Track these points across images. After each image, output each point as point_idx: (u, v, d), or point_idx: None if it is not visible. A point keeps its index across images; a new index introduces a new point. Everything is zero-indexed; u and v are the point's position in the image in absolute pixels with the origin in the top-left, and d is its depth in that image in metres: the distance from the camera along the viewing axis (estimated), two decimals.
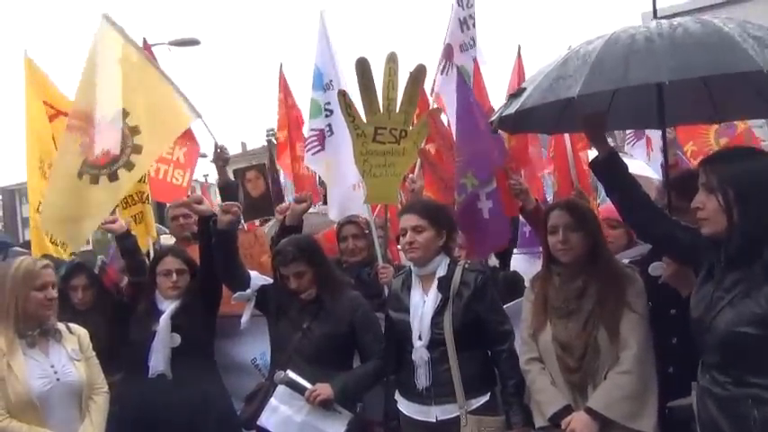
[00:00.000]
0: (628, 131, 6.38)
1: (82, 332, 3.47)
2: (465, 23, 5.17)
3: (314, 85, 5.22)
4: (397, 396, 3.37)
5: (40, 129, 5.07)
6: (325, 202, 6.34)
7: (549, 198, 5.25)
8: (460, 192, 4.10)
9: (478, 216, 4.03)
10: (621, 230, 3.68)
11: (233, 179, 5.03)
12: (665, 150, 3.83)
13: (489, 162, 4.01)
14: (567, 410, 2.92)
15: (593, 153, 4.72)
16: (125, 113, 4.53)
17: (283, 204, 4.62)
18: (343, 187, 4.78)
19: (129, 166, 4.48)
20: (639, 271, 3.14)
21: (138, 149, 4.52)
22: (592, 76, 2.72)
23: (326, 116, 4.90)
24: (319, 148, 5.11)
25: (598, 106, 3.29)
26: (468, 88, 4.26)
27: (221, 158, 5.10)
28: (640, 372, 2.86)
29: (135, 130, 4.54)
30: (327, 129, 4.87)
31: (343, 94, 4.17)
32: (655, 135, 6.27)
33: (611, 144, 3.21)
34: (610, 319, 2.91)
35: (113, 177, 4.47)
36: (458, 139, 4.08)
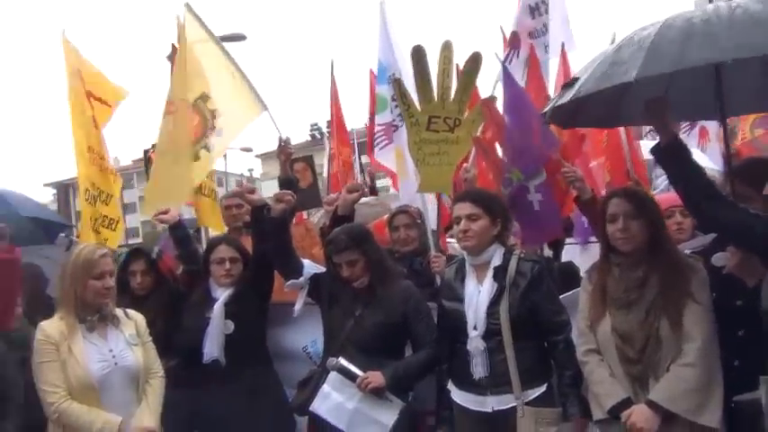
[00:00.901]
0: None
1: (139, 318, 3.54)
2: (537, 9, 5.12)
3: (378, 80, 5.25)
4: (451, 386, 3.35)
5: (83, 115, 5.16)
6: (372, 194, 6.38)
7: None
8: (506, 185, 4.05)
9: (529, 208, 3.97)
10: (691, 219, 3.58)
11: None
12: (725, 138, 3.73)
13: (537, 155, 3.95)
14: (626, 403, 2.85)
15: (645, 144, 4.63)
16: (205, 97, 4.74)
17: (331, 196, 4.63)
18: (409, 176, 4.77)
19: (209, 147, 4.71)
20: (702, 262, 3.04)
21: (219, 132, 4.75)
22: (648, 60, 2.69)
23: (396, 106, 4.90)
24: (387, 142, 5.11)
25: (653, 95, 3.21)
26: (514, 81, 4.19)
27: (284, 153, 5.10)
28: (705, 364, 2.78)
29: (215, 114, 4.76)
30: (399, 118, 4.87)
31: (398, 82, 4.16)
32: (711, 125, 6.10)
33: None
34: (672, 310, 2.83)
35: (195, 158, 4.69)
36: (505, 133, 4.03)
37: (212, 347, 3.80)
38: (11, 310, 3.35)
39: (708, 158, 5.83)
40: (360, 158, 8.55)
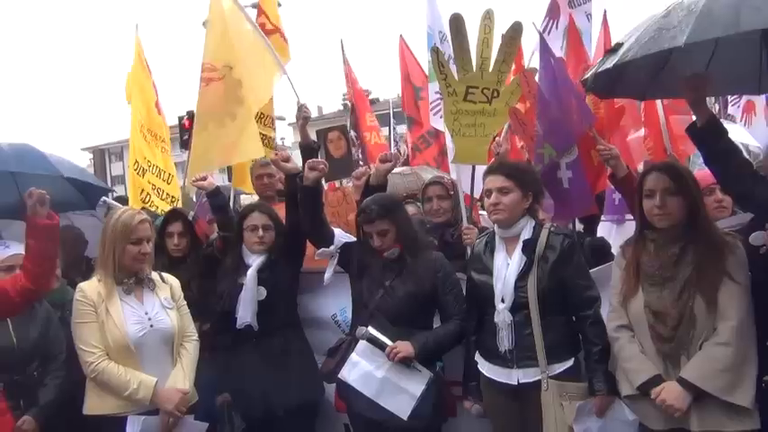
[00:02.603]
0: None
1: (174, 282, 3.62)
2: None
3: (428, 49, 5.20)
4: (478, 358, 3.36)
5: (143, 97, 5.66)
6: (405, 164, 6.36)
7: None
8: (537, 161, 4.00)
9: (558, 185, 3.93)
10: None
11: (314, 139, 5.11)
12: None
13: (571, 131, 3.89)
14: (657, 380, 2.83)
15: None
16: (229, 68, 4.87)
17: (360, 169, 4.62)
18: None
19: (232, 116, 4.88)
20: (740, 240, 2.98)
21: (240, 101, 4.89)
22: (699, 25, 2.60)
23: None
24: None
25: (695, 69, 3.12)
26: (552, 53, 4.09)
27: (302, 117, 5.13)
28: (739, 344, 2.73)
29: (239, 84, 4.91)
30: None
31: (435, 51, 4.10)
32: (757, 99, 5.92)
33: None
34: (708, 288, 2.79)
35: (221, 125, 4.94)
36: (539, 106, 3.97)
37: (245, 313, 3.86)
38: (51, 273, 3.45)
39: (750, 134, 5.68)
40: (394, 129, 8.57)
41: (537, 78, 3.97)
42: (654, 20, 2.88)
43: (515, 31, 3.93)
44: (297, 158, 4.30)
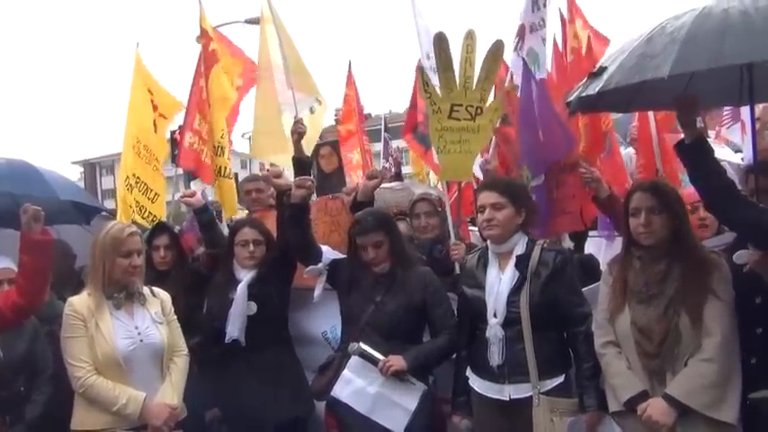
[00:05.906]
0: (725, 113, 6.08)
1: (165, 296, 3.61)
2: (536, 3, 5.01)
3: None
4: (469, 373, 3.37)
5: (142, 114, 5.65)
6: (396, 179, 6.39)
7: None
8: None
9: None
10: None
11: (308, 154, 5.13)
12: (753, 130, 3.65)
13: (544, 157, 3.91)
14: (643, 396, 2.85)
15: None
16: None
17: (350, 185, 4.64)
18: None
19: (312, 108, 5.20)
20: (724, 258, 3.02)
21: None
22: (683, 55, 2.61)
23: None
24: None
25: (675, 84, 3.16)
26: (532, 76, 4.12)
27: (297, 132, 5.18)
28: (724, 361, 2.76)
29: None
30: None
31: (421, 71, 4.15)
32: (746, 117, 5.96)
33: (700, 126, 3.09)
34: (693, 305, 2.81)
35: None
36: (519, 127, 3.99)
37: (233, 328, 3.87)
38: (44, 289, 3.44)
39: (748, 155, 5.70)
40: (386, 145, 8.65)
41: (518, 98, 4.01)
42: (638, 43, 2.88)
43: (497, 49, 3.99)
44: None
